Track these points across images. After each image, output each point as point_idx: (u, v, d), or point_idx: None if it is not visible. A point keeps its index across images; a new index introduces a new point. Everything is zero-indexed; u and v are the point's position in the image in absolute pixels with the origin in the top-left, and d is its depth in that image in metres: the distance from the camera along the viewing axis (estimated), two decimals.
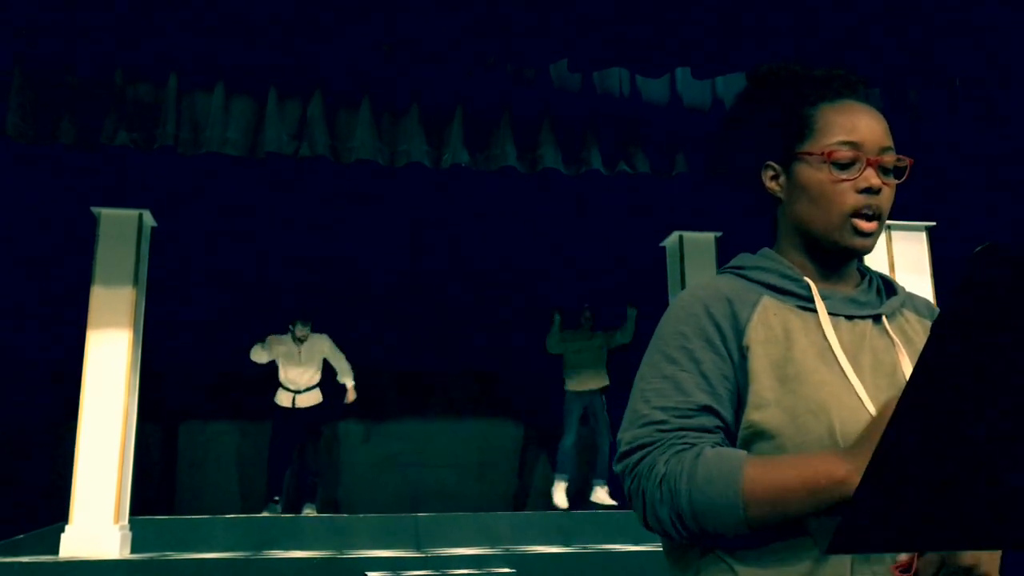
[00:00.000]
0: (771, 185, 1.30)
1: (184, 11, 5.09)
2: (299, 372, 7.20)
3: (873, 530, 0.77)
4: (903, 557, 1.07)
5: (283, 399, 7.17)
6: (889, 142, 1.25)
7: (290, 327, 7.24)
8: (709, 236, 6.84)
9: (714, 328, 1.21)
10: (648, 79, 5.72)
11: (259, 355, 7.17)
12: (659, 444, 1.15)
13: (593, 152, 5.59)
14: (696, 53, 5.42)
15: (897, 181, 1.26)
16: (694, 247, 6.81)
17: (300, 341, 7.22)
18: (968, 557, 1.09)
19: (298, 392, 7.18)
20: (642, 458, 1.15)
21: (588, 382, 7.30)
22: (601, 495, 7.16)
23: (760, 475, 1.07)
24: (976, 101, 5.81)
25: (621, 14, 5.22)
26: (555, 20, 5.20)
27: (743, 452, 1.12)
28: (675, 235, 6.88)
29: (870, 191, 1.22)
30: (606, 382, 7.33)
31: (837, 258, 1.28)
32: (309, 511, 7.06)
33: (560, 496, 7.13)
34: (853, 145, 1.22)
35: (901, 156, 1.25)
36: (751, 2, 5.28)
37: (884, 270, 5.86)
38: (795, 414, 1.13)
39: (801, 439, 1.12)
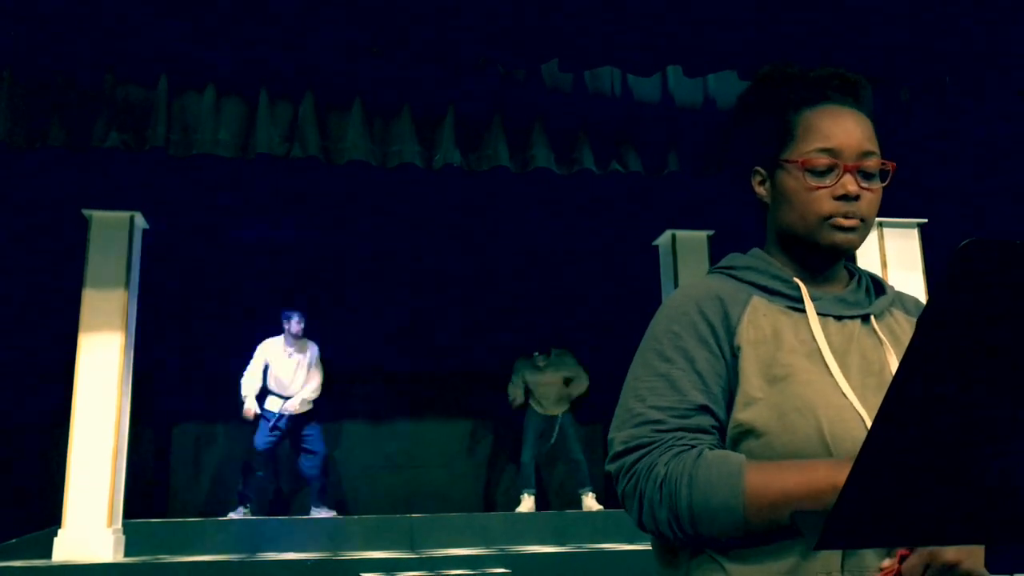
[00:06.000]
0: (759, 189, 1.32)
1: (174, 12, 5.08)
2: (290, 374, 7.02)
3: (861, 525, 0.77)
4: (887, 563, 1.07)
5: (272, 404, 6.95)
6: (871, 146, 1.24)
7: (284, 322, 6.99)
8: (702, 235, 6.85)
9: (707, 327, 1.21)
10: (640, 78, 5.72)
11: (248, 378, 6.99)
12: (657, 444, 1.15)
13: (585, 151, 5.59)
14: (687, 51, 5.42)
15: (882, 185, 1.25)
16: (687, 246, 6.82)
17: (295, 337, 7.00)
18: (952, 553, 1.08)
19: (287, 398, 6.97)
20: (639, 458, 1.15)
21: (551, 408, 7.50)
22: (590, 503, 7.22)
23: (762, 481, 1.08)
24: (967, 98, 5.83)
25: (611, 13, 5.22)
26: (546, 20, 5.19)
27: (742, 456, 1.12)
28: (668, 234, 6.88)
29: (847, 198, 1.22)
30: (566, 406, 7.52)
31: (822, 260, 1.29)
32: (322, 512, 7.01)
33: (526, 509, 7.22)
34: (830, 152, 1.23)
35: (885, 161, 1.25)
36: (742, 0, 5.28)
37: (876, 267, 5.91)
38: (782, 412, 1.14)
39: (788, 438, 1.13)
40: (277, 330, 7.14)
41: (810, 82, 1.28)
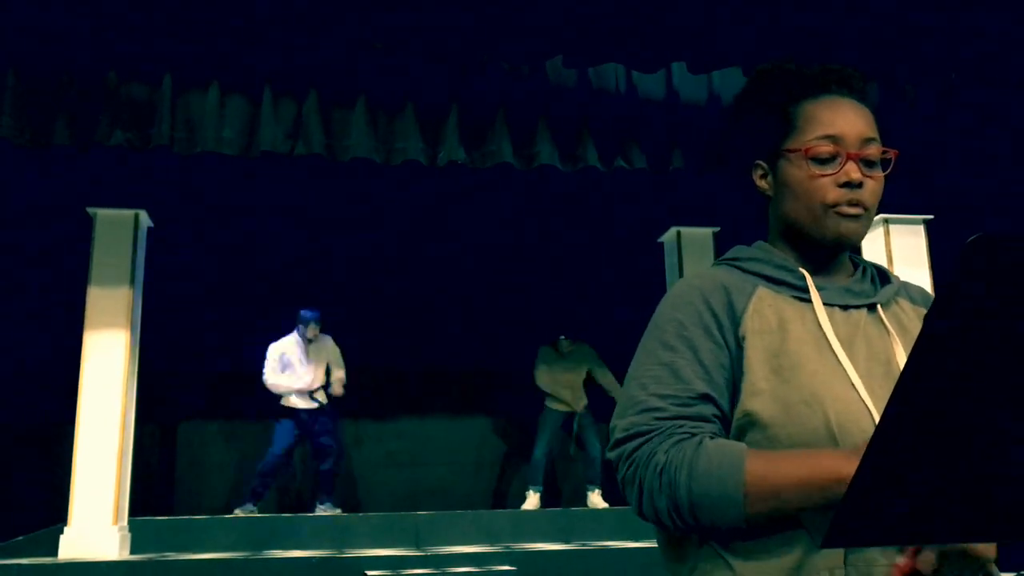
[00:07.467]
0: (760, 183, 1.32)
1: (178, 11, 5.08)
2: (309, 372, 7.01)
3: (868, 523, 0.77)
4: (902, 560, 1.06)
5: (296, 402, 6.91)
6: (872, 133, 1.24)
7: (300, 325, 7.01)
8: (707, 232, 6.83)
9: (711, 317, 1.21)
10: (644, 74, 5.71)
11: (276, 376, 6.92)
12: (657, 432, 1.14)
13: (589, 148, 5.58)
14: (692, 47, 5.41)
15: (884, 173, 1.25)
16: (692, 242, 6.81)
17: (310, 341, 7.03)
18: (967, 550, 1.07)
19: (310, 393, 6.98)
20: (639, 446, 1.14)
21: (570, 404, 7.40)
22: (596, 500, 7.21)
23: (762, 470, 1.07)
24: (973, 94, 5.80)
25: (616, 9, 5.21)
26: (550, 16, 5.19)
27: (743, 445, 1.11)
28: (673, 231, 6.87)
29: (850, 185, 1.22)
30: (585, 401, 7.43)
31: (827, 251, 1.28)
32: (326, 509, 7.00)
33: (531, 506, 7.19)
34: (832, 139, 1.23)
35: (886, 148, 1.25)
36: None
37: (882, 264, 5.88)
38: (788, 404, 1.13)
39: (794, 429, 1.12)
40: (279, 326, 7.15)
41: (804, 78, 1.29)
